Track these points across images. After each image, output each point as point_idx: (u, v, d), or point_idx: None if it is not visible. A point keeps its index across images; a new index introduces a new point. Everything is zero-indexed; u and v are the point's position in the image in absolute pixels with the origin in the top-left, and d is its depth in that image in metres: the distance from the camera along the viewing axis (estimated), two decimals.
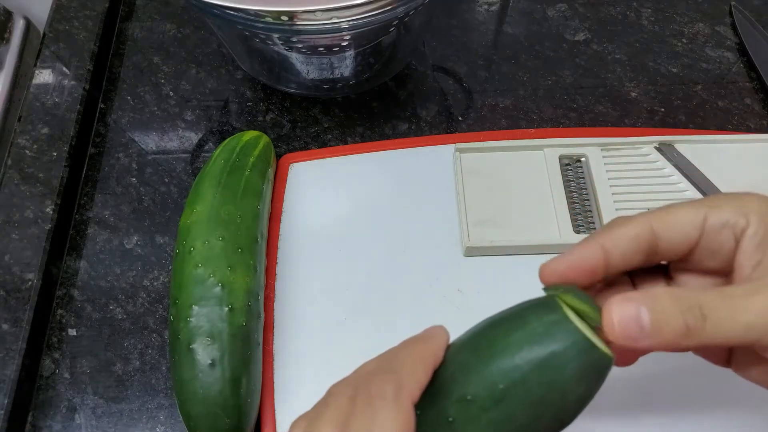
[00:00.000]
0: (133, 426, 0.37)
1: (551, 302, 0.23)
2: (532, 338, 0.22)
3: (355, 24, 0.35)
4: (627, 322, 0.21)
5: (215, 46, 0.51)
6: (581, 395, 0.22)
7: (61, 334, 0.40)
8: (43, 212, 0.42)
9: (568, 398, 0.21)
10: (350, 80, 0.47)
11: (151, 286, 0.41)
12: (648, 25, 0.52)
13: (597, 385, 0.22)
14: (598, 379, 0.22)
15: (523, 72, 0.49)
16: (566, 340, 0.21)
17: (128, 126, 0.48)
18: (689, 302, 0.21)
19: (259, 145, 0.42)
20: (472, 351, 0.23)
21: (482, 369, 0.22)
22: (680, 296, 0.21)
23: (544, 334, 0.21)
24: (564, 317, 0.22)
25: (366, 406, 0.21)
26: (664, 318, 0.21)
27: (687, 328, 0.21)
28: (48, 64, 0.48)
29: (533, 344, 0.21)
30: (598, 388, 0.22)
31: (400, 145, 0.45)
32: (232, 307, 0.34)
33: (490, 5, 0.53)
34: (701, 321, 0.21)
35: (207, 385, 0.32)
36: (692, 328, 0.21)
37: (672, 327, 0.21)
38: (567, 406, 0.21)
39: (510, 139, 0.43)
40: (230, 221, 0.36)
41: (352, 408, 0.21)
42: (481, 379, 0.22)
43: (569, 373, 0.21)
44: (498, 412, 0.21)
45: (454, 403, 0.22)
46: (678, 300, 0.21)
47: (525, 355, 0.21)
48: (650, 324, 0.21)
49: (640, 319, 0.21)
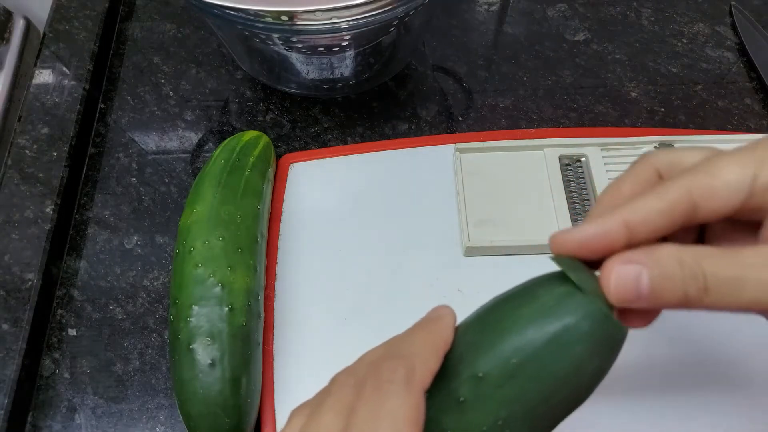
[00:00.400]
0: (133, 426, 0.37)
1: (561, 276, 0.22)
2: (544, 311, 0.21)
3: (355, 24, 0.35)
4: (624, 284, 0.20)
5: (215, 46, 0.51)
6: (595, 369, 0.21)
7: (61, 334, 0.40)
8: (43, 212, 0.42)
9: (583, 372, 0.21)
10: (350, 80, 0.47)
11: (151, 286, 0.41)
12: (648, 25, 0.52)
13: (611, 358, 0.21)
14: (613, 352, 0.21)
15: (523, 72, 0.49)
16: (579, 312, 0.20)
17: (128, 126, 0.48)
18: (694, 270, 0.20)
19: (259, 145, 0.42)
20: (481, 329, 0.22)
21: (493, 345, 0.21)
22: (686, 261, 0.20)
23: (556, 306, 0.21)
24: (575, 289, 0.21)
25: (374, 391, 0.20)
26: (664, 284, 0.20)
27: (686, 297, 0.20)
28: (48, 64, 0.48)
29: (545, 317, 0.21)
30: (613, 362, 0.21)
31: (400, 145, 0.45)
32: (232, 307, 0.34)
33: (490, 5, 0.53)
34: (702, 293, 0.19)
35: (207, 385, 0.32)
36: (692, 299, 0.20)
37: (671, 294, 0.20)
38: (581, 380, 0.21)
39: (510, 139, 0.43)
40: (230, 221, 0.36)
41: (359, 394, 0.20)
42: (493, 356, 0.21)
43: (583, 345, 0.20)
44: (510, 388, 0.21)
45: (464, 382, 0.21)
46: (682, 265, 0.20)
47: (537, 328, 0.21)
48: (649, 289, 0.20)
49: (639, 282, 0.20)
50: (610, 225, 0.21)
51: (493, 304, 0.23)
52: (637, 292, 0.20)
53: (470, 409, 0.21)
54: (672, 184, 0.21)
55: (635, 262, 0.20)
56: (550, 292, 0.21)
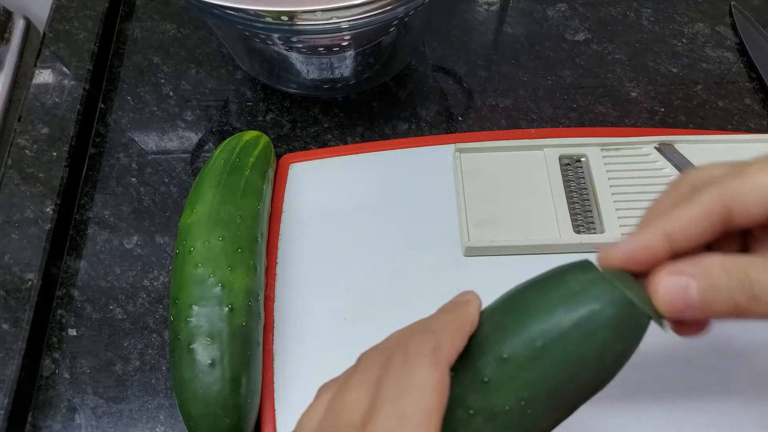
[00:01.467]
0: (133, 426, 0.37)
1: (587, 263, 0.23)
2: (571, 296, 0.21)
3: (355, 24, 0.35)
4: (673, 296, 0.20)
5: (215, 46, 0.51)
6: (619, 353, 0.21)
7: (61, 334, 0.40)
8: (43, 212, 0.42)
9: (606, 356, 0.21)
10: (350, 80, 0.47)
11: (151, 286, 0.41)
12: (648, 25, 0.52)
13: (634, 343, 0.22)
14: (636, 338, 0.22)
15: (523, 72, 0.49)
16: (605, 298, 0.21)
17: (128, 126, 0.48)
18: (740, 278, 0.20)
19: (259, 145, 0.42)
20: (507, 312, 0.23)
21: (519, 327, 0.22)
22: (732, 270, 0.20)
23: (582, 292, 0.21)
24: (601, 276, 0.22)
25: (402, 364, 0.21)
26: (712, 293, 0.20)
27: (736, 306, 0.20)
28: (48, 64, 0.48)
29: (571, 302, 0.21)
30: (635, 347, 0.22)
31: (400, 145, 0.45)
32: (232, 307, 0.34)
33: (490, 5, 0.53)
34: (752, 301, 0.20)
35: (207, 385, 0.32)
36: (741, 307, 0.20)
37: (720, 303, 0.20)
38: (605, 364, 0.21)
39: (510, 138, 0.43)
40: (230, 221, 0.36)
41: (387, 368, 0.21)
42: (519, 338, 0.22)
43: (608, 331, 0.21)
44: (535, 370, 0.21)
45: (489, 363, 0.22)
46: (729, 275, 0.20)
47: (563, 312, 0.21)
48: (698, 299, 0.20)
49: (688, 293, 0.20)
50: (650, 236, 0.22)
51: (519, 288, 0.24)
52: (686, 302, 0.20)
53: (494, 389, 0.22)
54: (705, 191, 0.21)
55: (681, 272, 0.20)
56: (576, 278, 0.22)
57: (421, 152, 0.44)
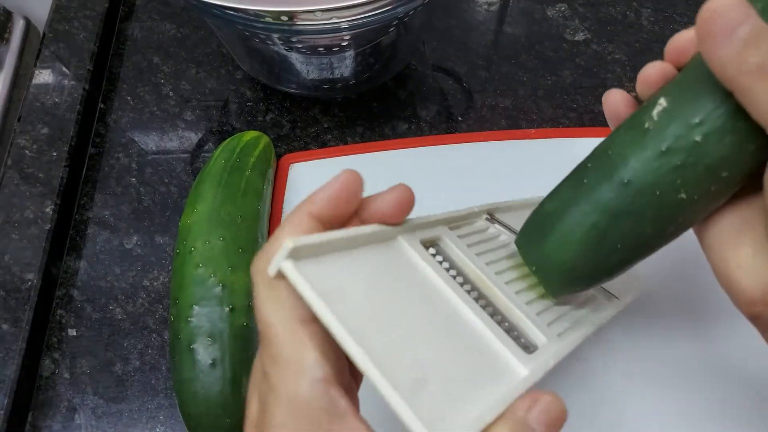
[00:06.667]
0: (133, 426, 0.37)
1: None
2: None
3: (355, 24, 0.35)
4: (720, 18, 0.18)
5: (215, 46, 0.51)
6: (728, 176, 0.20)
7: (61, 334, 0.40)
8: (43, 212, 0.42)
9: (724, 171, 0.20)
10: (350, 80, 0.47)
11: (151, 286, 0.41)
12: (648, 25, 0.52)
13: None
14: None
15: (523, 72, 0.49)
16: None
17: (128, 126, 0.48)
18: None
19: (260, 145, 0.42)
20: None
21: (697, 97, 0.21)
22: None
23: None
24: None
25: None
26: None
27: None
28: (48, 64, 0.48)
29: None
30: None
31: (400, 145, 0.45)
32: (233, 308, 0.34)
33: (490, 5, 0.53)
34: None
35: (207, 385, 0.32)
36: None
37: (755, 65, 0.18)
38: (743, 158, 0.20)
39: (510, 139, 0.43)
40: (231, 221, 0.36)
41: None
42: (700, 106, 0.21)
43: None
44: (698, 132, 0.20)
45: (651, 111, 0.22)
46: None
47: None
48: (743, 39, 0.18)
49: (736, 29, 0.18)
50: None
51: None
52: (727, 34, 0.18)
53: (652, 137, 0.21)
54: None
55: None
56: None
57: (421, 152, 0.44)
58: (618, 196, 0.22)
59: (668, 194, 0.21)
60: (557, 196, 0.25)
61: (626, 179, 0.22)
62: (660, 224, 0.22)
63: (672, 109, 0.21)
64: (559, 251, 0.24)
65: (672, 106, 0.21)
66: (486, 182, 0.42)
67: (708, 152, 0.20)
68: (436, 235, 0.26)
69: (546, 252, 0.25)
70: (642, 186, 0.21)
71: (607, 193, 0.22)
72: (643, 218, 0.22)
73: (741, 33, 0.18)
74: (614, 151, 0.22)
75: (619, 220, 0.22)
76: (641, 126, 0.22)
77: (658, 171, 0.21)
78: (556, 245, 0.24)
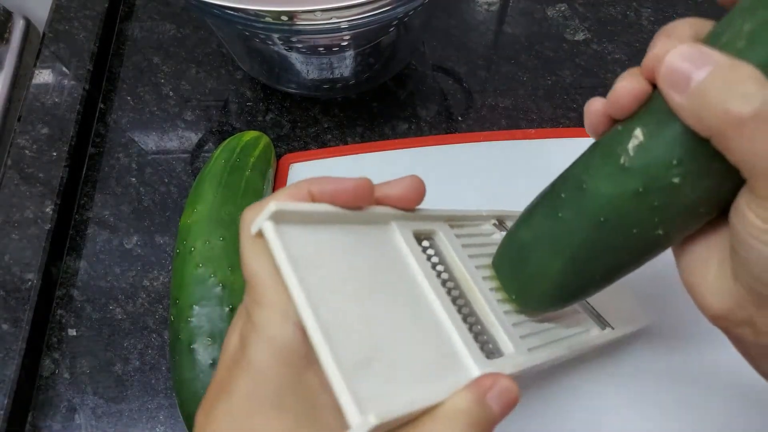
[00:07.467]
0: (133, 426, 0.37)
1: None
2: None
3: (355, 24, 0.35)
4: (673, 71, 0.18)
5: (215, 46, 0.51)
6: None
7: (61, 334, 0.40)
8: (43, 212, 0.42)
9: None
10: (350, 80, 0.47)
11: (151, 286, 0.41)
12: (648, 25, 0.52)
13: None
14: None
15: (523, 72, 0.49)
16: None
17: (128, 126, 0.48)
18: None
19: (260, 145, 0.42)
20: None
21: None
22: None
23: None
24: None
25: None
26: (718, 94, 0.17)
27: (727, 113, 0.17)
28: (48, 64, 0.48)
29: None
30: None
31: (400, 145, 0.45)
32: (233, 308, 0.34)
33: (490, 5, 0.53)
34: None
35: (208, 385, 0.32)
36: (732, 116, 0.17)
37: (714, 109, 0.17)
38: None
39: (510, 139, 0.43)
40: (231, 221, 0.36)
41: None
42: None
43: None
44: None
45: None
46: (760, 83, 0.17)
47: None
48: (697, 87, 0.18)
49: (690, 77, 0.18)
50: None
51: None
52: (684, 83, 0.18)
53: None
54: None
55: (704, 59, 0.19)
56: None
57: (421, 152, 0.44)
58: (594, 234, 0.22)
59: (646, 231, 0.21)
60: (532, 223, 0.25)
61: (602, 218, 0.22)
62: (637, 255, 0.22)
63: (648, 145, 0.20)
64: (536, 283, 0.25)
65: (648, 143, 0.20)
66: (486, 182, 0.42)
67: (686, 194, 0.20)
68: (432, 229, 0.27)
69: (523, 281, 0.25)
70: (619, 225, 0.21)
71: (584, 231, 0.22)
72: (620, 252, 0.22)
73: (698, 78, 0.18)
74: (589, 186, 0.22)
75: (596, 255, 0.23)
76: (617, 160, 0.21)
77: (636, 211, 0.21)
78: (533, 276, 0.25)
